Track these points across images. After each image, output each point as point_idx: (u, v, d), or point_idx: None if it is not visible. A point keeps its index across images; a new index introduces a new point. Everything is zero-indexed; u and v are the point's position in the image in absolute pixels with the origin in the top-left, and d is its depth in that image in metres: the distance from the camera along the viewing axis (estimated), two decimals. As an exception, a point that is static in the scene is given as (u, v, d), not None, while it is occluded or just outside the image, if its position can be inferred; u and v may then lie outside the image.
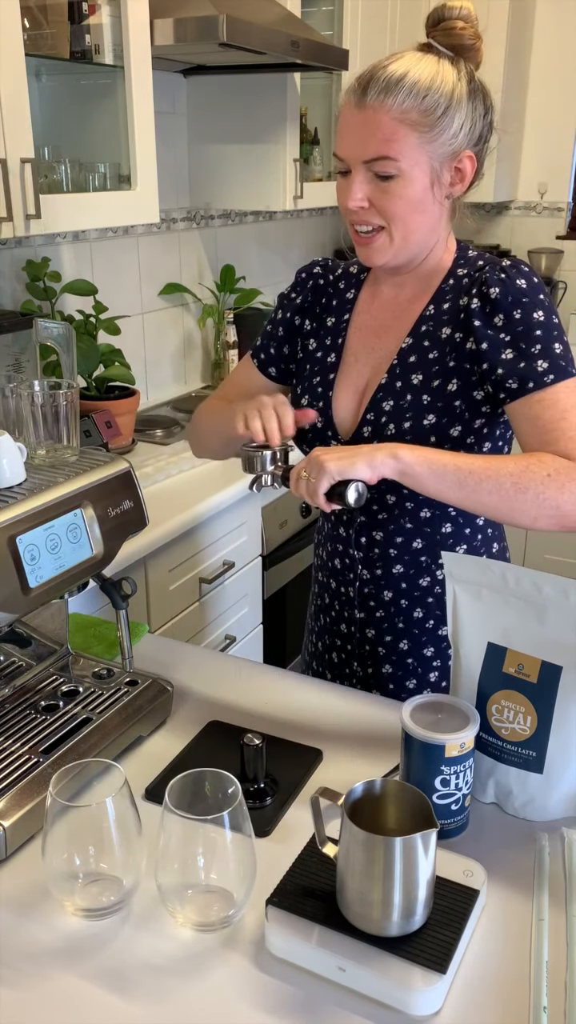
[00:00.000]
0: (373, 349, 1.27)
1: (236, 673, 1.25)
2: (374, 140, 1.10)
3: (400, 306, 1.26)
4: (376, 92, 1.10)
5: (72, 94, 2.01)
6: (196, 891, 0.84)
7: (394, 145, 1.10)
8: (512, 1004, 0.76)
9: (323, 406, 1.28)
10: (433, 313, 1.21)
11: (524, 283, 1.13)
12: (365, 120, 1.11)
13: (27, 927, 0.84)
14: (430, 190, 1.14)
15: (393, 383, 1.21)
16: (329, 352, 1.31)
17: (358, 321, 1.31)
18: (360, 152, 1.12)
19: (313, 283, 1.36)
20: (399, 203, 1.13)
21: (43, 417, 1.07)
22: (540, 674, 0.91)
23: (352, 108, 1.12)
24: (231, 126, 2.65)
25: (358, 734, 1.12)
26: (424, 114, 1.10)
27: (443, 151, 1.13)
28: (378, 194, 1.13)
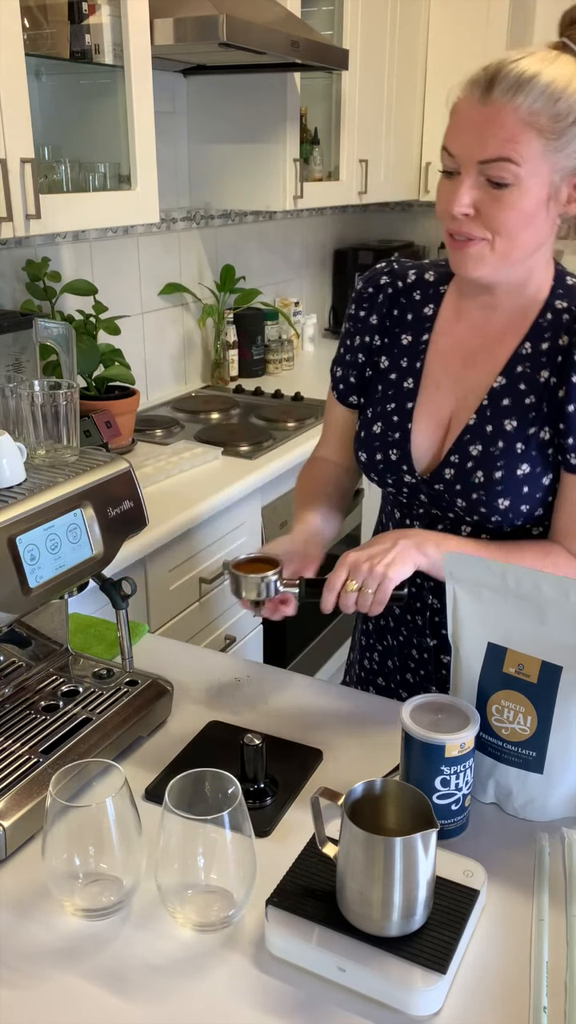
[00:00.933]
0: (458, 379, 1.17)
1: (236, 673, 1.25)
2: (496, 139, 0.99)
3: (490, 335, 1.15)
4: (504, 88, 0.99)
5: (72, 94, 2.01)
6: (196, 891, 0.84)
7: (518, 148, 0.99)
8: (512, 1004, 0.76)
9: (400, 438, 1.19)
10: (530, 352, 1.11)
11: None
12: (488, 117, 1.00)
13: (27, 927, 0.84)
14: (545, 205, 1.03)
15: (483, 426, 1.13)
16: (405, 376, 1.21)
17: (439, 343, 1.19)
18: (477, 151, 1.01)
19: (383, 296, 1.24)
20: (510, 214, 1.02)
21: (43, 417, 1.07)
22: (540, 674, 0.91)
23: (474, 102, 1.01)
24: (231, 126, 2.65)
25: (358, 734, 1.12)
26: (554, 119, 0.99)
27: (567, 164, 1.02)
28: (488, 202, 1.02)
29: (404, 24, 3.11)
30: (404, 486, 1.22)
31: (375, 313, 1.24)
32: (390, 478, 1.22)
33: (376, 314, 1.24)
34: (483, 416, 1.13)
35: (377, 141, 3.11)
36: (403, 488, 1.22)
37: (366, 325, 1.25)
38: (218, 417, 2.55)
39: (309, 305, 3.64)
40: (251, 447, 2.25)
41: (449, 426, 1.17)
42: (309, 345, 3.50)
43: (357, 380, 1.27)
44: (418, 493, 1.21)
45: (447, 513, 1.19)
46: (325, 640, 2.67)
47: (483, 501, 1.13)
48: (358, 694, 1.22)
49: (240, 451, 2.22)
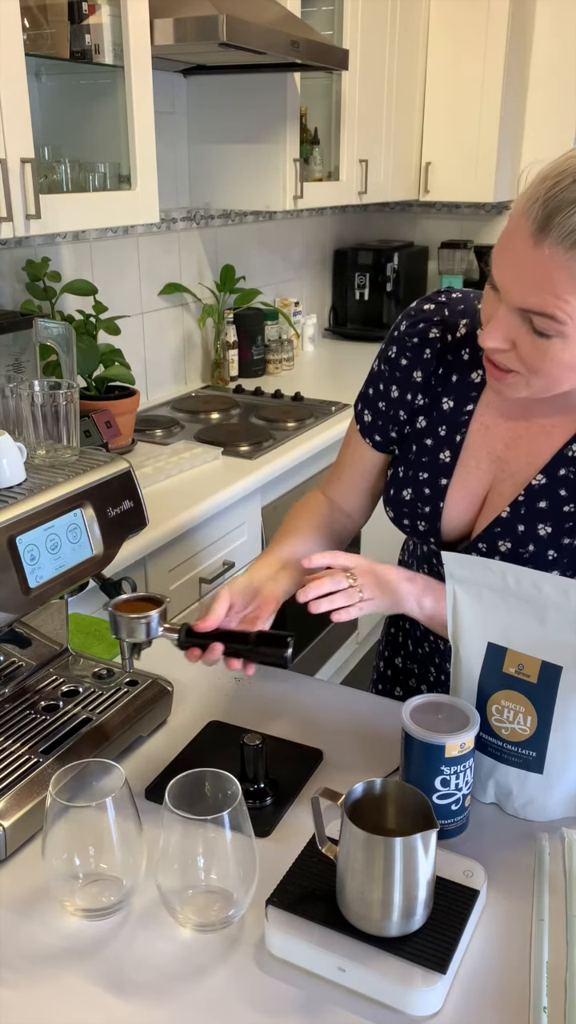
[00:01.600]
0: (498, 459, 1.08)
1: (236, 673, 1.25)
2: (541, 292, 0.85)
3: (536, 421, 1.05)
4: (559, 238, 0.82)
5: (72, 94, 2.01)
6: (196, 891, 0.84)
7: (566, 307, 0.85)
8: (512, 1004, 0.76)
9: (430, 512, 1.12)
10: (574, 456, 1.03)
11: None
12: (536, 264, 0.84)
13: (27, 927, 0.84)
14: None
15: (515, 524, 1.05)
16: (442, 447, 1.10)
17: (483, 416, 1.08)
18: (518, 296, 0.88)
19: (431, 351, 1.10)
20: (550, 364, 0.90)
21: (43, 417, 1.07)
22: (540, 674, 0.91)
23: (525, 237, 0.85)
24: (231, 126, 2.65)
25: (358, 734, 1.12)
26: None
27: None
28: (526, 343, 0.90)
29: (404, 24, 3.11)
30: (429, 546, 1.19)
31: (419, 369, 1.11)
32: (414, 537, 1.18)
33: (421, 371, 1.11)
34: (517, 513, 1.06)
35: (377, 141, 3.11)
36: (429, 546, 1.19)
37: (408, 379, 1.12)
38: (218, 417, 2.55)
39: (309, 305, 3.64)
40: (251, 447, 2.25)
41: (483, 505, 1.10)
42: (309, 345, 3.50)
43: (398, 434, 1.16)
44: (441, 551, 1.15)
45: None
46: (325, 640, 2.67)
47: None
48: (358, 694, 1.22)
49: (240, 451, 2.22)
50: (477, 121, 3.32)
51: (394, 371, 1.14)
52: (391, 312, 3.66)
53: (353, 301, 3.72)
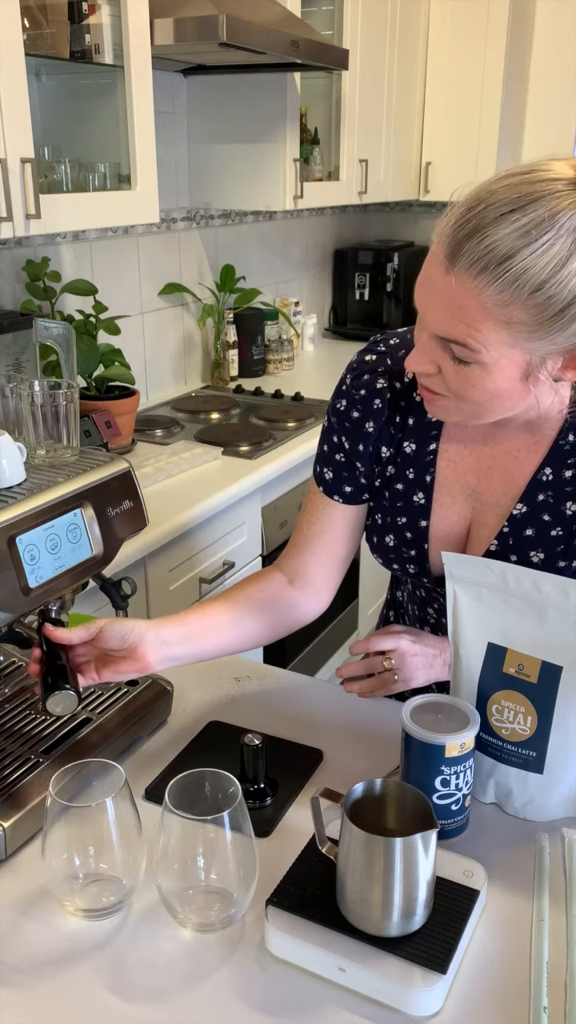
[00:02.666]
0: (474, 491, 1.06)
1: (236, 673, 1.25)
2: (452, 320, 0.84)
3: (502, 449, 1.03)
4: (468, 263, 0.80)
5: (72, 94, 2.01)
6: (196, 891, 0.84)
7: (479, 336, 0.84)
8: (512, 1004, 0.76)
9: (416, 555, 1.10)
10: (551, 480, 1.00)
11: None
12: (447, 291, 0.83)
13: (27, 927, 0.84)
14: (518, 382, 0.88)
15: (506, 555, 1.04)
16: (414, 489, 1.08)
17: (448, 452, 1.06)
18: (433, 324, 0.87)
19: (381, 402, 1.07)
20: (473, 391, 0.89)
21: (43, 417, 1.07)
22: (540, 674, 0.91)
23: (438, 263, 0.84)
24: (231, 126, 2.65)
25: (358, 734, 1.12)
26: (530, 311, 0.81)
27: (551, 348, 0.85)
28: (450, 372, 0.89)
29: (404, 24, 3.11)
30: (423, 587, 1.19)
31: (371, 420, 1.08)
32: (409, 581, 1.21)
33: (374, 422, 1.08)
34: (505, 544, 1.04)
35: (377, 141, 3.11)
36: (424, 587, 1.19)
37: (361, 431, 1.09)
38: (218, 417, 2.55)
39: (309, 305, 3.64)
40: (251, 447, 2.25)
41: (468, 538, 1.09)
42: (309, 345, 3.50)
43: (368, 484, 1.12)
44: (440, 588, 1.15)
45: None
46: (325, 640, 2.67)
47: None
48: (358, 694, 1.22)
49: (240, 451, 2.22)
50: (477, 121, 3.31)
51: (344, 423, 1.10)
52: (391, 312, 3.67)
53: (353, 301, 3.72)
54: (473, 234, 0.80)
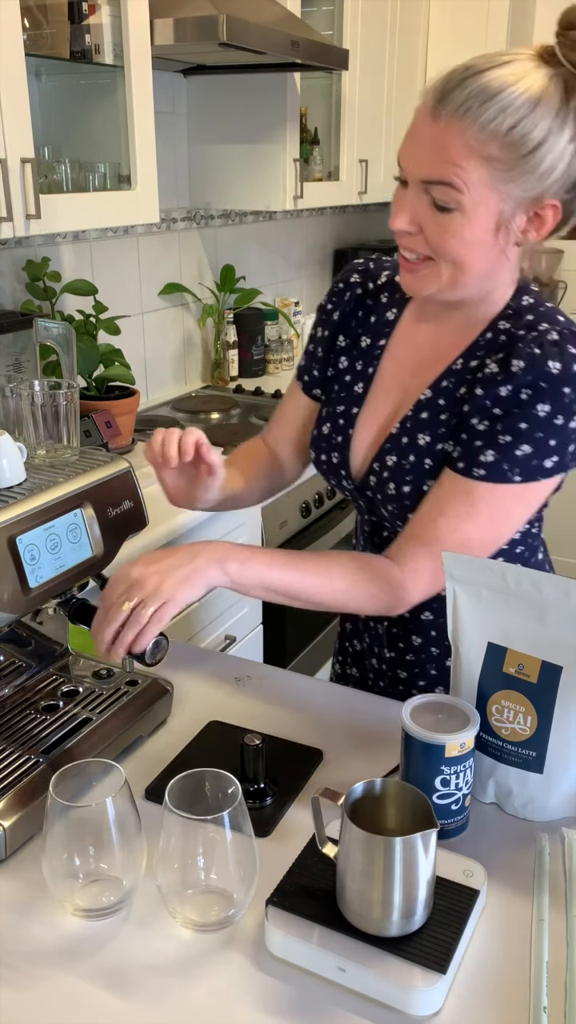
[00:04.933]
0: (405, 387, 1.14)
1: (236, 673, 1.25)
2: (438, 161, 0.93)
3: (439, 349, 1.11)
4: (454, 107, 0.91)
5: (72, 94, 2.01)
6: (196, 891, 0.84)
7: (461, 173, 0.92)
8: (512, 1004, 0.76)
9: (342, 442, 1.18)
10: (459, 368, 1.08)
11: (557, 367, 0.98)
12: (434, 134, 0.93)
13: (27, 927, 0.84)
14: (493, 234, 0.97)
15: (401, 437, 1.11)
16: (357, 380, 1.18)
17: (396, 350, 1.16)
18: (419, 168, 0.96)
19: (351, 294, 1.21)
20: (452, 241, 0.97)
21: (43, 417, 1.07)
22: (540, 674, 0.91)
23: (425, 114, 0.95)
24: (231, 126, 2.65)
25: (358, 734, 1.12)
26: (506, 149, 0.91)
27: (521, 195, 0.94)
28: (430, 223, 0.97)
29: (404, 24, 3.11)
30: (345, 490, 1.22)
31: (339, 310, 1.22)
32: (332, 479, 1.23)
33: (340, 311, 1.22)
34: (404, 427, 1.11)
35: (377, 141, 3.11)
36: (346, 492, 1.23)
37: (331, 321, 1.23)
38: (218, 417, 2.55)
39: (309, 305, 3.64)
40: (251, 447, 2.24)
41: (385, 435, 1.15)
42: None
43: (320, 375, 1.25)
44: (357, 499, 1.21)
45: (384, 521, 1.18)
46: (325, 640, 2.67)
47: (397, 513, 1.12)
48: (358, 694, 1.22)
49: (240, 451, 2.22)
50: (477, 121, 3.31)
51: (322, 315, 1.25)
52: (391, 312, 3.66)
53: (353, 301, 3.72)
54: (458, 84, 0.92)
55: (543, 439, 0.99)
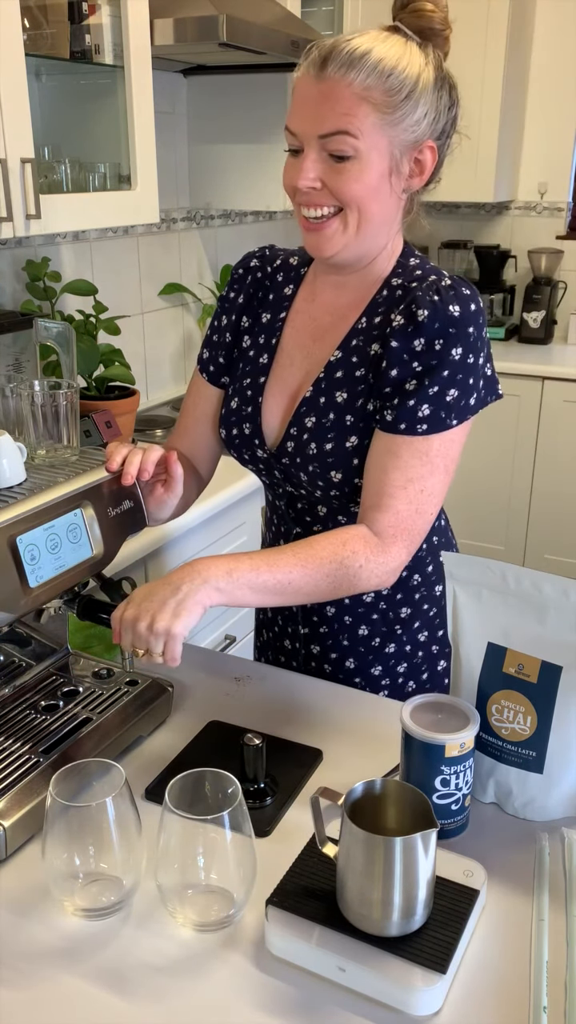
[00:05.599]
0: (309, 353, 1.19)
1: (236, 673, 1.25)
2: (332, 113, 1.02)
3: (338, 311, 1.18)
4: (337, 65, 1.01)
5: (72, 94, 2.01)
6: (196, 891, 0.84)
7: (354, 120, 1.01)
8: (512, 1004, 0.76)
9: (252, 411, 1.21)
10: (364, 327, 1.14)
11: (457, 310, 1.06)
12: (324, 92, 1.02)
13: (27, 927, 0.84)
14: (388, 178, 1.06)
15: (317, 398, 1.15)
16: (262, 352, 1.23)
17: (295, 320, 1.22)
18: (316, 126, 1.03)
19: (251, 277, 1.26)
20: (355, 186, 1.04)
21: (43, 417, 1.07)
22: (540, 674, 0.91)
23: (310, 80, 1.03)
24: (231, 126, 2.65)
25: (358, 734, 1.12)
26: (387, 94, 1.02)
27: (404, 137, 1.05)
28: (332, 175, 1.04)
29: (404, 24, 3.10)
30: (259, 462, 1.23)
31: (242, 294, 1.26)
32: (246, 453, 1.23)
33: (243, 294, 1.26)
34: (318, 388, 1.15)
35: (377, 141, 3.11)
36: (259, 464, 1.23)
37: (233, 305, 1.27)
38: (218, 417, 2.55)
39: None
40: (251, 447, 2.24)
41: (295, 399, 1.19)
42: (309, 345, 3.49)
43: (226, 360, 1.27)
44: (272, 468, 1.22)
45: (299, 489, 1.20)
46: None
47: (319, 474, 1.14)
48: (358, 694, 1.22)
49: (240, 451, 2.22)
50: (477, 121, 3.31)
51: (223, 303, 1.28)
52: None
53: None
54: (335, 47, 1.02)
55: (463, 380, 1.07)
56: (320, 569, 1.03)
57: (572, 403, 3.35)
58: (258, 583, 1.00)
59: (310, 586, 1.03)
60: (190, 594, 0.96)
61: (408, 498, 1.07)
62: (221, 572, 0.98)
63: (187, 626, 0.95)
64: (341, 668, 1.28)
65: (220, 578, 0.98)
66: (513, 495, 3.54)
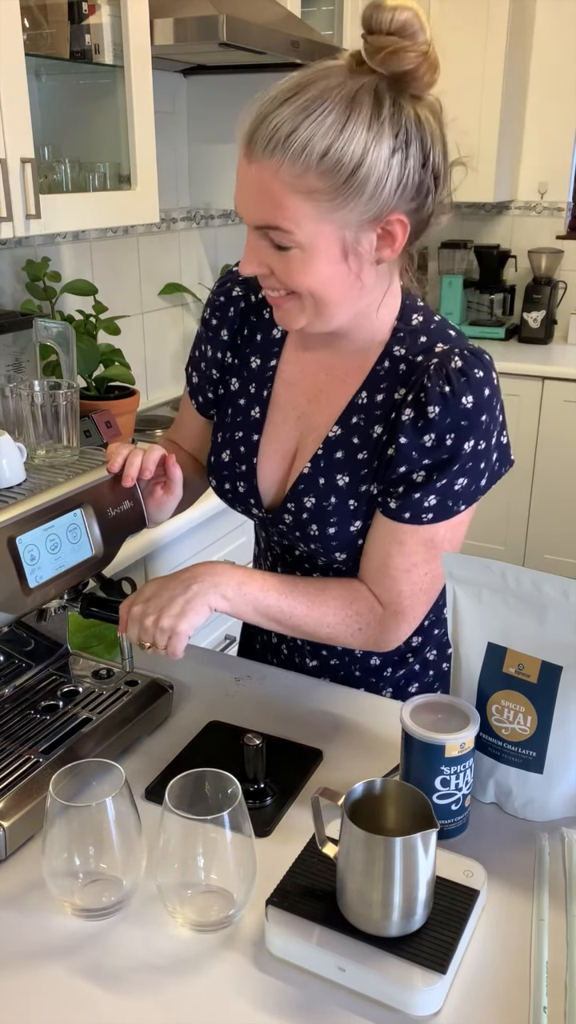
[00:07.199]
0: (303, 414, 1.12)
1: (236, 673, 1.25)
2: (261, 206, 0.91)
3: (334, 373, 1.09)
4: (262, 147, 0.89)
5: (72, 94, 2.01)
6: (196, 891, 0.84)
7: (286, 213, 0.89)
8: (512, 1004, 0.76)
9: (246, 471, 1.15)
10: (365, 403, 1.06)
11: (471, 401, 0.98)
12: (253, 179, 0.91)
13: (27, 927, 0.84)
14: (342, 262, 0.93)
15: (316, 478, 1.09)
16: (253, 404, 1.15)
17: (286, 372, 1.13)
18: (248, 215, 0.93)
19: (235, 309, 1.16)
20: (301, 277, 0.94)
21: (43, 417, 1.07)
22: (540, 674, 0.91)
23: (243, 159, 0.93)
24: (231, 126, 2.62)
25: (358, 734, 1.12)
26: (324, 177, 0.88)
27: (358, 218, 0.91)
28: (276, 264, 0.94)
29: (404, 24, 3.10)
30: (254, 518, 1.21)
31: (226, 327, 1.16)
32: (239, 508, 1.21)
33: (227, 329, 1.16)
34: (317, 466, 1.09)
35: (377, 141, 3.10)
36: (253, 519, 1.22)
37: (217, 338, 1.17)
38: (218, 417, 2.55)
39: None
40: (251, 447, 2.24)
41: (293, 462, 1.13)
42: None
43: (214, 395, 1.21)
44: (266, 526, 1.20)
45: (293, 550, 1.18)
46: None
47: (321, 552, 1.12)
48: (358, 694, 1.22)
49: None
50: (477, 121, 3.32)
51: (207, 331, 1.19)
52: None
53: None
54: (261, 121, 0.89)
55: (474, 467, 1.02)
56: (323, 618, 1.05)
57: (572, 403, 3.35)
58: (262, 605, 1.02)
59: (309, 627, 1.06)
60: (199, 594, 0.98)
61: (411, 581, 1.05)
62: (232, 582, 1.01)
63: (192, 625, 0.97)
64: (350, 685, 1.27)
65: (230, 587, 1.00)
66: (513, 495, 3.54)
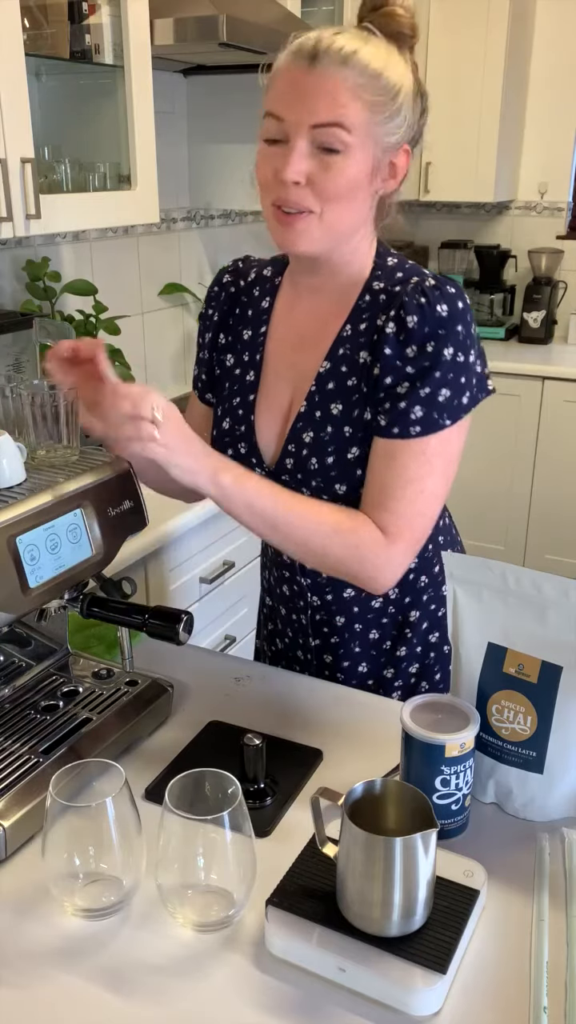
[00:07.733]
0: (293, 365, 1.18)
1: (236, 673, 1.25)
2: (328, 105, 1.00)
3: (320, 319, 1.16)
4: (330, 60, 0.99)
5: (72, 94, 2.01)
6: (196, 891, 0.84)
7: (349, 115, 1.00)
8: (512, 1004, 0.76)
9: (245, 430, 1.20)
10: (350, 334, 1.12)
11: (445, 309, 1.05)
12: (318, 83, 1.00)
13: (27, 927, 0.84)
14: (369, 177, 1.05)
15: (312, 412, 1.14)
16: (247, 369, 1.22)
17: (276, 333, 1.21)
18: (309, 115, 1.00)
19: (225, 294, 1.26)
20: (340, 181, 1.02)
21: (43, 417, 1.07)
22: (540, 674, 0.91)
23: (301, 70, 1.00)
24: (231, 126, 2.65)
25: (358, 734, 1.12)
26: (377, 93, 1.01)
27: (387, 140, 1.04)
28: (318, 169, 1.02)
29: (404, 24, 3.10)
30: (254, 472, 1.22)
31: (218, 311, 1.26)
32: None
33: (218, 312, 1.26)
34: (312, 402, 1.14)
35: (377, 141, 3.11)
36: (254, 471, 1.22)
37: (211, 323, 1.26)
38: (218, 417, 2.55)
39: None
40: (251, 447, 2.24)
41: (289, 414, 1.18)
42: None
43: (208, 378, 1.28)
44: None
45: None
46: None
47: (323, 487, 1.13)
48: (358, 694, 1.22)
49: (240, 451, 2.22)
50: (477, 121, 3.32)
51: (204, 322, 1.28)
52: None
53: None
54: (321, 43, 1.00)
55: (455, 379, 1.06)
56: (320, 526, 1.05)
57: (572, 403, 3.35)
58: (256, 502, 1.03)
59: (302, 535, 1.05)
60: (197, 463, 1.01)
61: (408, 499, 1.06)
62: (231, 473, 1.03)
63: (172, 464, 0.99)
64: (354, 674, 1.28)
65: (227, 476, 1.02)
66: (513, 495, 3.54)
